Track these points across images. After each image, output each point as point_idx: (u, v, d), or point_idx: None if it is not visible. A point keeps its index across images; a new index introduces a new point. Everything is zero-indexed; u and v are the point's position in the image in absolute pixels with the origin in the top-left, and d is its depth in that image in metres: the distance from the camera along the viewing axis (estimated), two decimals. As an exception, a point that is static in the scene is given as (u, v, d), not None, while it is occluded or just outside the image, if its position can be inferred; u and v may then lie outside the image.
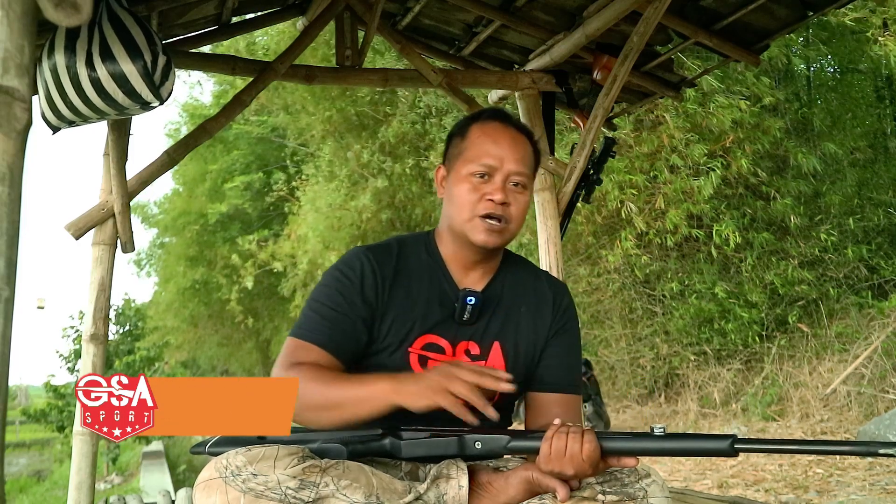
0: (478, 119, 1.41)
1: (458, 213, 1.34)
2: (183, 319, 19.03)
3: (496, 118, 1.40)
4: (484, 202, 1.31)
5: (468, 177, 1.33)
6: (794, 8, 2.67)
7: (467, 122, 1.41)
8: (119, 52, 2.03)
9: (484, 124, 1.38)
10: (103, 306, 2.47)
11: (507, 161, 1.33)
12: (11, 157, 0.57)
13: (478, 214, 1.31)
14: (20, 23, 0.59)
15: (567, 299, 1.46)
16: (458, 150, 1.38)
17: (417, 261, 1.39)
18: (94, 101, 2.06)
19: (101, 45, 2.03)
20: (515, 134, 1.38)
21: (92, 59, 2.01)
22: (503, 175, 1.33)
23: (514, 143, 1.35)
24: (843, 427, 5.20)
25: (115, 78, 2.04)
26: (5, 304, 0.56)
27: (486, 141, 1.35)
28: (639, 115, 6.43)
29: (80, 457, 2.39)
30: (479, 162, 1.33)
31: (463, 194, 1.33)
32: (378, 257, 1.35)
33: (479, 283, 1.40)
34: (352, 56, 2.84)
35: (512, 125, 1.40)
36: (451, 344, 1.35)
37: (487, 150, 1.33)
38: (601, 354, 7.84)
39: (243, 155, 16.62)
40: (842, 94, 7.37)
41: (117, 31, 2.05)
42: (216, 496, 1.09)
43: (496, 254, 1.41)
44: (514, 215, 1.34)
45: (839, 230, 6.36)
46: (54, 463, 12.73)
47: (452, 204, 1.36)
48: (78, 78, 2.02)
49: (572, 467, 1.11)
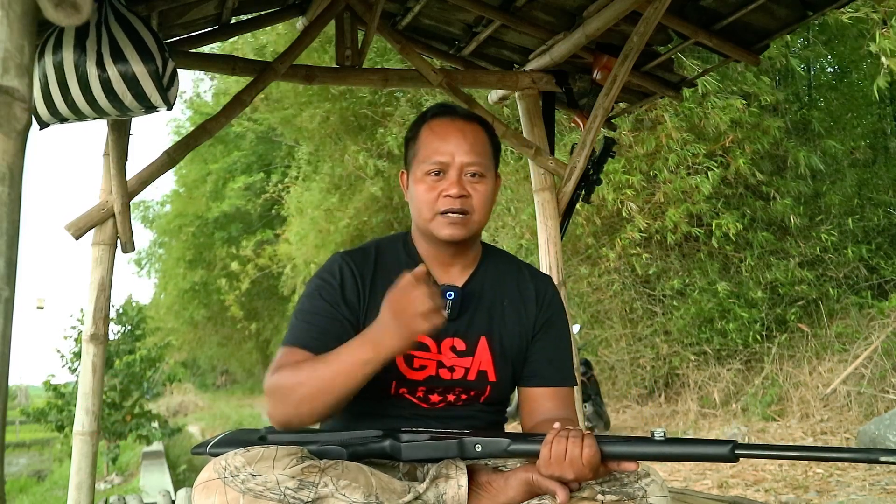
0: (425, 118, 1.42)
1: (420, 213, 1.36)
2: (183, 321, 19.06)
3: (441, 114, 1.40)
4: (441, 199, 1.33)
5: (423, 177, 1.35)
6: (794, 8, 2.67)
7: (417, 123, 1.43)
8: (131, 54, 2.05)
9: (430, 122, 1.39)
10: (103, 306, 2.47)
11: (458, 154, 1.34)
12: (11, 157, 0.57)
13: (438, 211, 1.33)
14: (20, 23, 0.59)
15: (551, 291, 1.46)
16: (413, 152, 1.40)
17: (396, 260, 1.39)
18: (100, 101, 2.07)
19: (112, 46, 2.04)
20: (463, 125, 1.38)
21: (102, 60, 2.03)
22: (456, 169, 1.34)
23: (462, 135, 1.36)
24: (843, 427, 5.20)
25: (126, 79, 2.05)
26: (5, 304, 0.56)
27: (433, 139, 1.36)
28: (638, 115, 6.43)
29: (80, 457, 2.39)
30: (430, 161, 1.35)
31: (421, 194, 1.35)
32: (356, 260, 1.37)
33: (459, 278, 1.41)
34: (352, 56, 2.84)
35: (459, 116, 1.40)
36: (436, 341, 1.34)
37: (437, 148, 1.35)
38: (601, 354, 7.85)
39: (244, 155, 16.62)
40: (841, 94, 7.37)
41: (127, 33, 2.07)
42: (215, 497, 1.09)
43: (471, 247, 1.42)
44: (475, 205, 1.34)
45: (839, 230, 6.36)
46: (54, 463, 12.72)
47: (414, 205, 1.38)
48: (87, 77, 2.02)
49: (572, 471, 1.11)
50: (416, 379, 1.33)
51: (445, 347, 1.35)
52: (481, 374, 1.37)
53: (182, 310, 18.70)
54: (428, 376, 1.34)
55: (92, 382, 2.42)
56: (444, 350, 1.35)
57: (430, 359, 1.34)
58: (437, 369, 1.34)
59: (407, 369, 1.33)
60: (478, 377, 1.36)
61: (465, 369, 1.36)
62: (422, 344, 1.33)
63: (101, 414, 2.52)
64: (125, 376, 9.64)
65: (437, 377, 1.34)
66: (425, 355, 1.34)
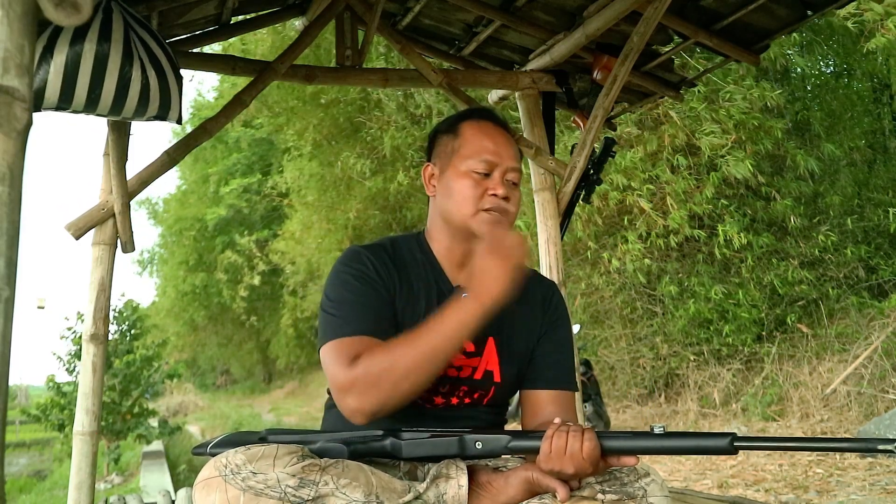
0: (470, 117, 1.43)
1: (460, 208, 1.35)
2: (183, 323, 19.10)
3: (489, 118, 1.44)
4: (487, 197, 1.34)
5: (468, 173, 1.35)
6: (794, 8, 2.67)
7: (457, 119, 1.44)
8: (155, 61, 2.09)
9: (478, 122, 1.42)
10: (103, 306, 2.47)
11: (505, 158, 1.37)
12: (11, 157, 0.57)
13: (482, 209, 1.34)
14: (20, 23, 0.59)
15: (557, 296, 1.48)
16: (451, 147, 1.40)
17: (412, 259, 1.40)
18: (129, 103, 2.08)
19: (146, 49, 2.07)
20: (505, 133, 1.43)
21: (143, 65, 2.07)
22: (502, 171, 1.37)
23: (507, 141, 1.41)
24: (843, 427, 5.20)
25: (146, 84, 2.08)
26: (5, 304, 0.56)
27: (483, 138, 1.38)
28: (640, 115, 6.43)
29: (80, 457, 2.39)
30: (479, 158, 1.36)
31: (465, 189, 1.35)
32: (377, 254, 1.36)
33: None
34: (352, 56, 2.84)
35: (500, 124, 1.44)
36: None
37: (486, 147, 1.37)
38: (601, 354, 7.85)
39: (245, 156, 16.64)
40: (841, 95, 7.37)
41: (151, 39, 2.11)
42: (216, 494, 1.09)
43: None
44: (511, 210, 1.37)
45: (839, 230, 6.36)
46: (54, 463, 12.72)
47: (452, 200, 1.37)
48: (129, 77, 2.03)
49: (572, 466, 1.11)
50: None
51: None
52: (487, 374, 1.37)
53: (182, 311, 18.74)
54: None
55: (92, 382, 2.42)
56: None
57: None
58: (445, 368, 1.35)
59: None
60: (483, 377, 1.37)
61: (473, 369, 1.36)
62: None
63: (101, 414, 2.52)
64: (124, 376, 9.64)
65: (445, 376, 1.34)
66: None
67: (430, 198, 1.46)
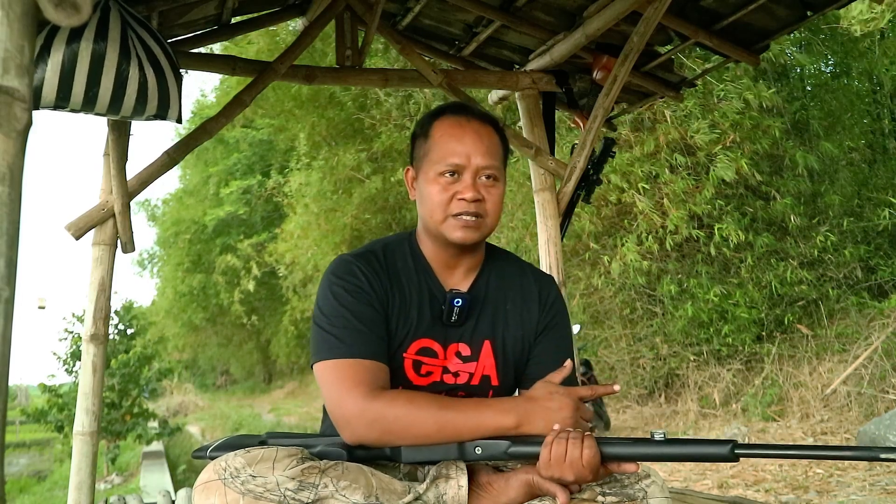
0: (438, 116, 1.37)
1: (432, 214, 1.32)
2: (182, 324, 19.10)
3: (456, 112, 1.36)
4: (456, 202, 1.30)
5: (437, 177, 1.31)
6: (794, 8, 2.67)
7: (428, 120, 1.37)
8: (153, 60, 2.08)
9: (445, 121, 1.35)
10: (103, 306, 2.47)
11: (474, 156, 1.30)
12: (11, 157, 0.57)
13: (451, 214, 1.30)
14: (20, 23, 0.59)
15: (554, 293, 1.44)
16: (423, 150, 1.35)
17: (404, 264, 1.36)
18: (127, 101, 2.08)
19: (146, 51, 2.07)
20: (479, 126, 1.34)
21: (142, 63, 2.06)
22: (472, 172, 1.30)
23: (478, 137, 1.32)
24: (843, 427, 5.20)
25: (144, 83, 2.08)
26: (5, 304, 0.56)
27: (449, 139, 1.32)
28: (639, 115, 6.43)
29: (80, 457, 2.39)
30: (445, 162, 1.30)
31: (434, 195, 1.31)
32: (369, 264, 1.32)
33: (463, 281, 1.38)
34: (352, 56, 2.84)
35: (474, 117, 1.36)
36: (443, 347, 1.34)
37: (453, 149, 1.31)
38: (601, 354, 7.85)
39: (245, 157, 16.64)
40: (840, 95, 7.38)
41: (150, 38, 2.10)
42: (215, 498, 1.08)
43: (478, 249, 1.39)
44: (488, 209, 1.32)
45: (838, 230, 6.36)
46: (54, 463, 12.73)
47: (424, 206, 1.34)
48: (126, 75, 2.03)
49: (572, 473, 1.11)
50: (422, 385, 1.32)
51: (451, 353, 1.34)
52: (485, 378, 1.36)
53: (181, 312, 18.74)
54: (433, 382, 1.33)
55: (92, 382, 2.42)
56: (449, 355, 1.34)
57: (436, 365, 1.33)
58: (441, 375, 1.34)
59: (414, 375, 1.32)
60: (481, 382, 1.36)
61: (469, 374, 1.35)
62: (431, 350, 1.33)
63: (101, 414, 2.52)
64: (122, 376, 9.64)
65: (442, 382, 1.33)
66: (433, 361, 1.33)
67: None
